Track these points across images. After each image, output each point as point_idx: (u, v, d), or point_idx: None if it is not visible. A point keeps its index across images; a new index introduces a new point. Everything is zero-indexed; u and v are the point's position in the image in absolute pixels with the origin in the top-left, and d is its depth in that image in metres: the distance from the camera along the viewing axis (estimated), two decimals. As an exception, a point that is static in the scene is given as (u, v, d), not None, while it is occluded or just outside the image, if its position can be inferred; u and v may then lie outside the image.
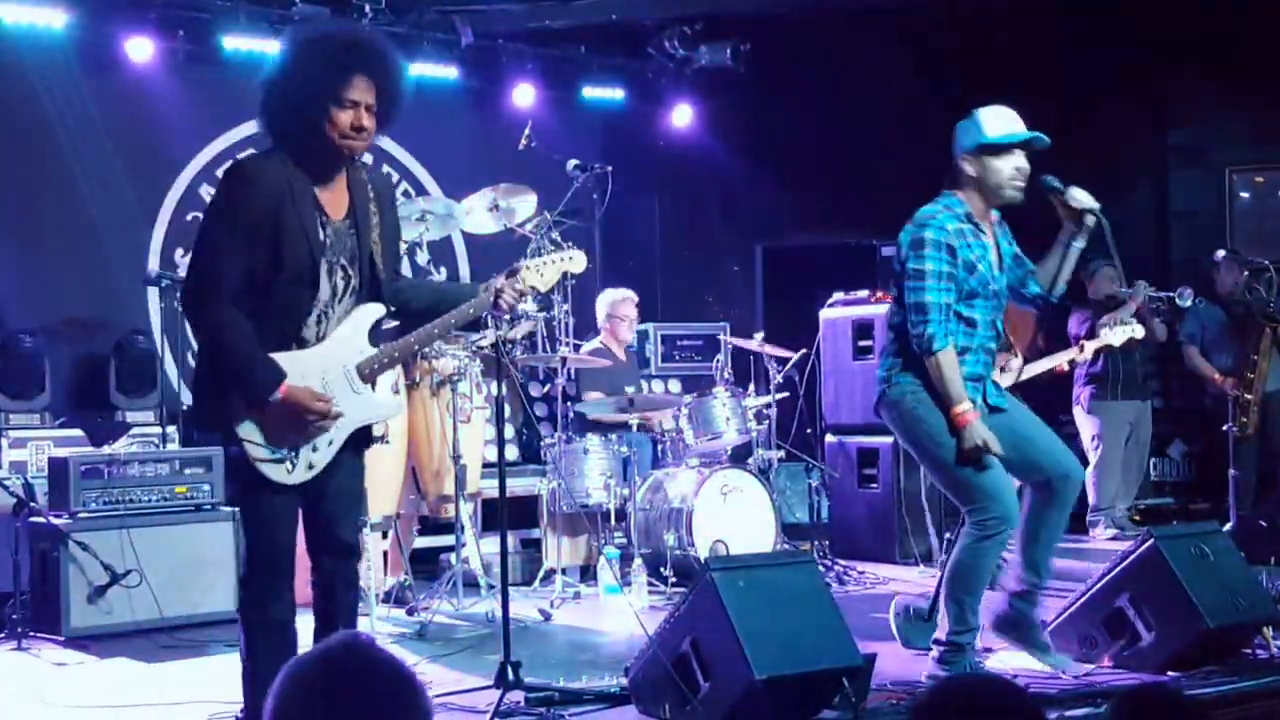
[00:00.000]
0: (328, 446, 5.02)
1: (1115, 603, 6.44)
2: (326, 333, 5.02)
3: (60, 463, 8.14)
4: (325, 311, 5.01)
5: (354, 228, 5.05)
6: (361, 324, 5.09)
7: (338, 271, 5.01)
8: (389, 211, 5.24)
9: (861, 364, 10.38)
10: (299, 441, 4.96)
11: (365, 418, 5.15)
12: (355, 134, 4.90)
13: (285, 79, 4.92)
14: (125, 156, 10.77)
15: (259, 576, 5.06)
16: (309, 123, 4.87)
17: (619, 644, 7.53)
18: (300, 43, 5.01)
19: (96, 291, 10.62)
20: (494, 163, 11.34)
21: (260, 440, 4.91)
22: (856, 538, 10.18)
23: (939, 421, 6.02)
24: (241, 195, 4.87)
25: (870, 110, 12.42)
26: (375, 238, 5.10)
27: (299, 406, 4.89)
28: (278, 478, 4.95)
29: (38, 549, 7.93)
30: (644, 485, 9.36)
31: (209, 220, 5.01)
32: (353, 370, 5.05)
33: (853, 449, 10.33)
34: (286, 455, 4.95)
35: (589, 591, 8.96)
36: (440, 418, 8.43)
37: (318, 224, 4.94)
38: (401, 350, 5.20)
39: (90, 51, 10.59)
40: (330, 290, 5.00)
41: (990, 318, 6.16)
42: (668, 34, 12.66)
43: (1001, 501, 6.00)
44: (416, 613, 8.11)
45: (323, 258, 4.94)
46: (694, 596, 5.66)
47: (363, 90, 4.89)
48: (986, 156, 6.12)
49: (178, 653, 7.44)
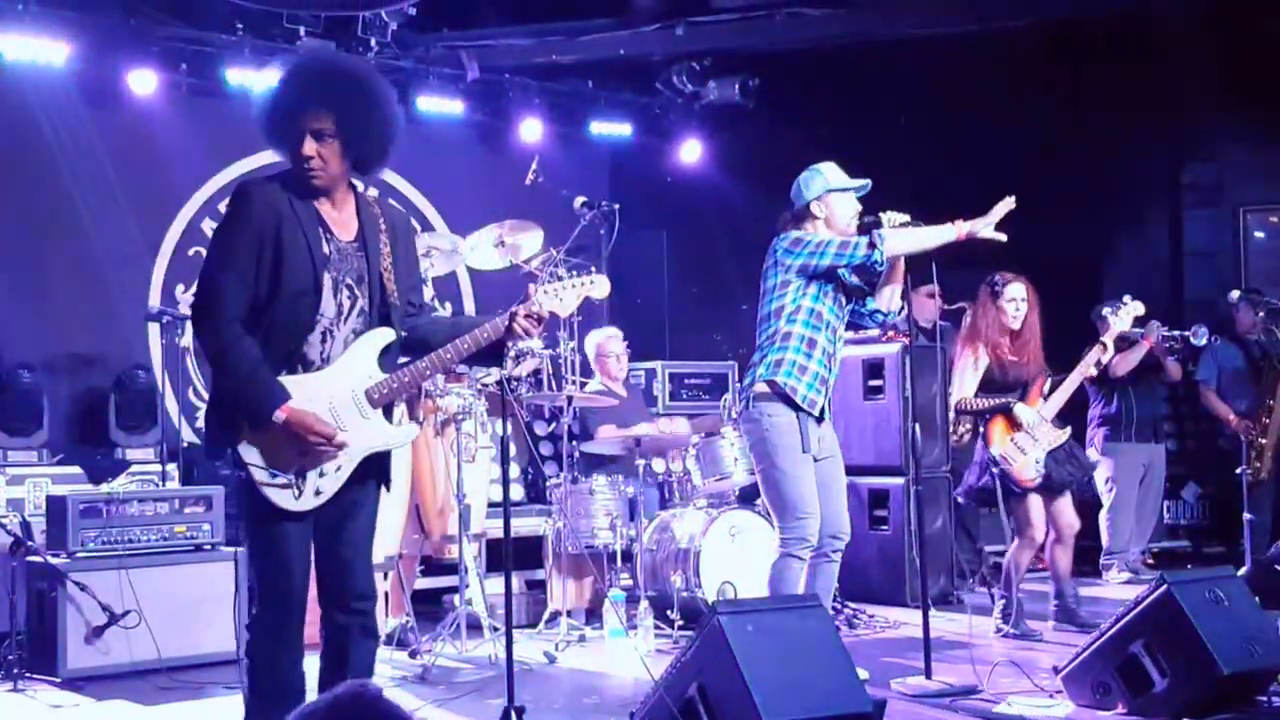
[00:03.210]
0: (335, 473, 4.91)
1: (1129, 649, 6.35)
2: (332, 354, 4.93)
3: (58, 501, 8.03)
4: (330, 330, 4.92)
5: (362, 249, 5.00)
6: (371, 348, 4.99)
7: (343, 290, 4.93)
8: (403, 242, 5.16)
9: (872, 404, 10.28)
10: (305, 466, 4.86)
11: (376, 444, 5.02)
12: (306, 161, 4.86)
13: (262, 109, 4.96)
14: (127, 190, 10.73)
15: (269, 614, 4.95)
16: (288, 150, 4.89)
17: (625, 688, 7.42)
18: (280, 74, 5.01)
19: (97, 326, 10.57)
20: (500, 198, 11.29)
21: (262, 464, 4.82)
22: (867, 580, 10.04)
23: (784, 447, 6.97)
24: (244, 212, 4.84)
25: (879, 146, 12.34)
26: (387, 264, 5.03)
27: (302, 429, 4.79)
28: (284, 504, 4.84)
29: (34, 589, 7.81)
30: (651, 526, 9.25)
31: (215, 239, 5.01)
32: (361, 395, 4.94)
33: (863, 490, 10.21)
34: (292, 480, 4.85)
35: (594, 634, 8.84)
36: (445, 457, 8.35)
37: (321, 238, 4.90)
38: (414, 376, 5.07)
39: (93, 85, 10.59)
40: (335, 308, 4.92)
41: (835, 323, 7.17)
42: (676, 69, 12.67)
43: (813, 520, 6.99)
44: (419, 655, 8.00)
45: (326, 272, 4.88)
46: (701, 640, 5.56)
47: (318, 120, 4.86)
48: (833, 200, 7.20)
49: (176, 695, 7.32)
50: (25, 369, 9.65)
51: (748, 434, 7.22)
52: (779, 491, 7.00)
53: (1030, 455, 8.54)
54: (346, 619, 5.01)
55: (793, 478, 6.96)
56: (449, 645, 8.14)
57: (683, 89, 12.77)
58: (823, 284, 7.07)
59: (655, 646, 8.34)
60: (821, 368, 7.06)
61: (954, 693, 6.83)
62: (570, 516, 8.99)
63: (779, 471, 6.99)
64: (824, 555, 7.12)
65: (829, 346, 7.10)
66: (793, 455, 6.97)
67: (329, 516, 4.95)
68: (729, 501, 9.42)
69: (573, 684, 7.71)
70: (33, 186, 10.39)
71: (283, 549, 4.90)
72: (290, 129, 4.86)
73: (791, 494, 6.96)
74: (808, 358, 7.02)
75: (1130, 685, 6.31)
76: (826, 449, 7.17)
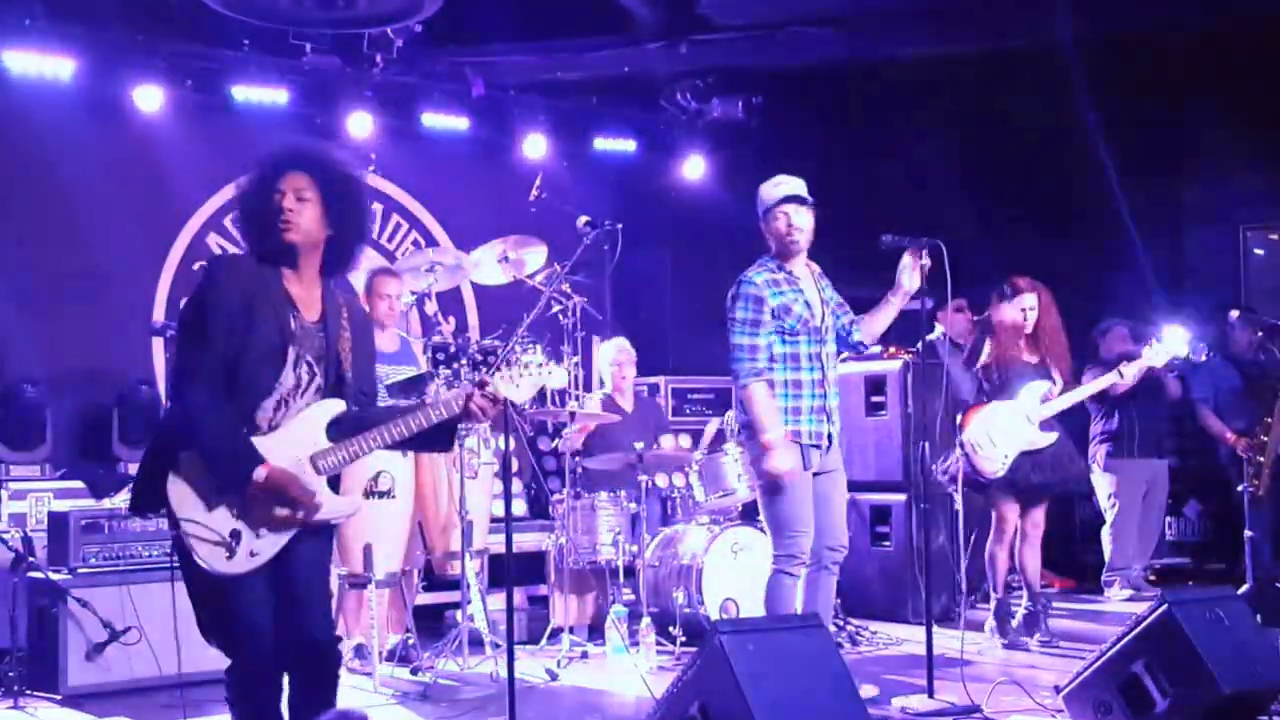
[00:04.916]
0: (272, 535, 4.89)
1: (1130, 668, 6.33)
2: (281, 422, 4.94)
3: (60, 517, 8.03)
4: (286, 399, 4.95)
5: (324, 330, 5.05)
6: (320, 417, 5.00)
7: (303, 365, 4.98)
8: (361, 331, 5.22)
9: (874, 420, 10.31)
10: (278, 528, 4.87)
11: (321, 515, 4.99)
12: (281, 214, 4.94)
13: (243, 190, 5.08)
14: (132, 205, 10.73)
15: (244, 668, 4.96)
16: (265, 214, 4.96)
17: (626, 706, 7.44)
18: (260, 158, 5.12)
19: (101, 341, 10.56)
20: (504, 214, 11.31)
21: (195, 519, 4.82)
22: (869, 596, 10.04)
23: None
24: (218, 280, 4.89)
25: (883, 163, 12.37)
26: (346, 348, 5.10)
27: (281, 487, 4.81)
28: (217, 566, 4.82)
29: (35, 605, 7.81)
30: (653, 542, 9.25)
31: (186, 311, 5.13)
32: (307, 463, 4.94)
33: (865, 506, 10.21)
34: (224, 539, 4.82)
35: (596, 651, 8.84)
36: (447, 473, 8.34)
37: (289, 314, 4.96)
38: (361, 448, 5.03)
39: (98, 100, 10.59)
40: (295, 380, 4.96)
41: (815, 350, 7.15)
42: (680, 87, 12.69)
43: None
44: (420, 671, 8.00)
45: (290, 345, 4.93)
46: (702, 659, 5.55)
47: (297, 180, 4.98)
48: (770, 218, 7.28)
49: (177, 711, 7.27)
50: (28, 383, 9.66)
51: (749, 449, 7.28)
52: (775, 508, 7.08)
53: (1000, 449, 8.62)
54: (304, 675, 5.03)
55: (789, 496, 7.01)
56: (451, 662, 8.15)
57: (686, 106, 12.80)
58: (780, 328, 7.16)
59: (657, 663, 8.34)
60: (815, 400, 7.14)
61: (956, 712, 6.84)
62: (573, 532, 9.00)
63: (776, 489, 7.04)
64: (823, 567, 7.17)
65: (817, 374, 7.17)
66: (792, 474, 7.00)
67: (279, 576, 4.94)
68: (732, 518, 9.42)
69: (575, 701, 7.70)
70: (37, 201, 10.39)
71: (242, 598, 4.89)
72: (269, 190, 4.95)
73: (786, 511, 7.04)
74: (798, 399, 7.12)
75: (1132, 705, 6.29)
76: (830, 463, 7.23)
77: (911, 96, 12.22)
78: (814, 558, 7.12)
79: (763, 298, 7.12)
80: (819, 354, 7.17)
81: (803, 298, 7.19)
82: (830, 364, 7.24)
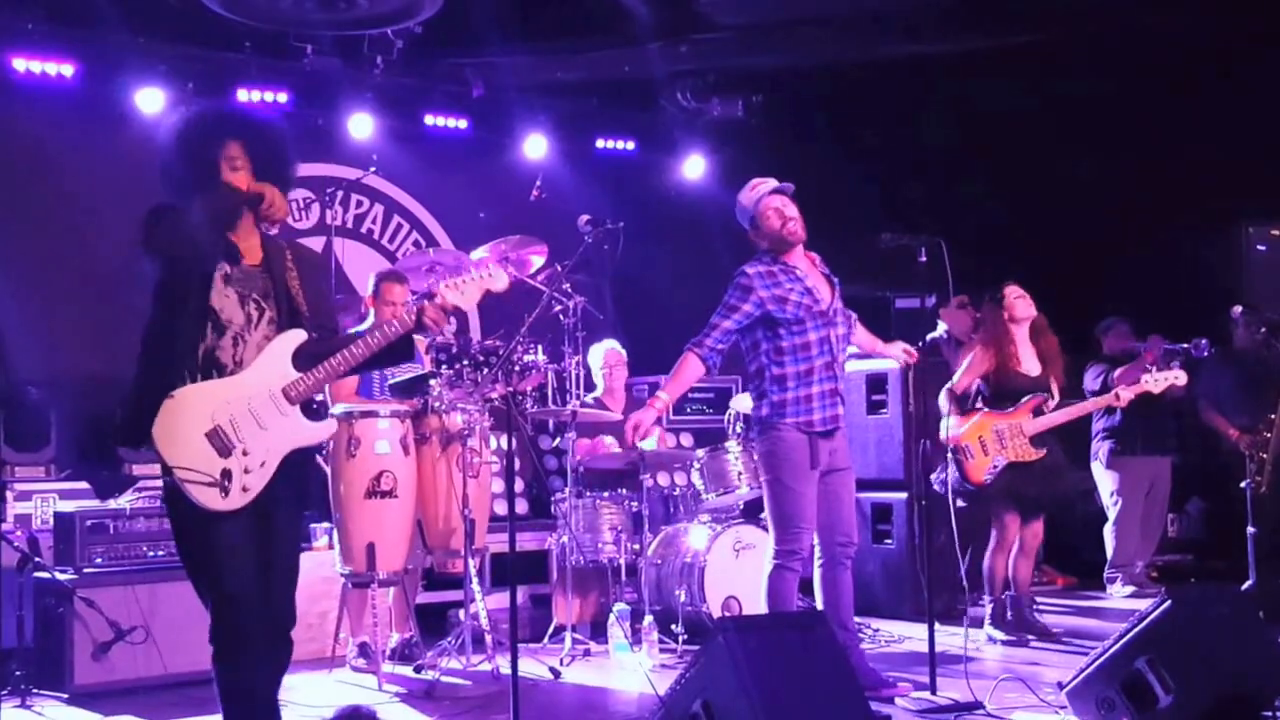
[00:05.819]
0: (260, 468, 5.09)
1: (1133, 665, 6.33)
2: (244, 359, 5.17)
3: (66, 517, 8.07)
4: (240, 335, 5.18)
5: (267, 272, 5.29)
6: (284, 351, 5.22)
7: (250, 303, 5.22)
8: (308, 269, 5.48)
9: (875, 418, 10.34)
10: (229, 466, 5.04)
11: (299, 440, 5.24)
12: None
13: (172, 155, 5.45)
14: (134, 208, 10.63)
15: (222, 622, 5.06)
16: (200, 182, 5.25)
17: (629, 704, 7.45)
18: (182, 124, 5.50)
19: (104, 343, 10.53)
20: (505, 214, 11.31)
21: (186, 464, 5.01)
22: (872, 594, 10.05)
23: (792, 462, 7.12)
24: (154, 229, 5.23)
25: (883, 163, 12.38)
26: (295, 285, 5.33)
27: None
28: (213, 504, 5.01)
29: (42, 605, 7.84)
30: (656, 540, 9.26)
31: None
32: (279, 393, 5.16)
33: (867, 504, 10.22)
34: (217, 480, 5.00)
35: (599, 649, 8.86)
36: (449, 472, 8.35)
37: (230, 256, 5.24)
38: (328, 372, 5.26)
39: (100, 103, 10.60)
40: (244, 317, 5.21)
41: (824, 334, 7.25)
42: (679, 86, 12.69)
43: None
44: (424, 669, 8.02)
45: (230, 286, 5.18)
46: (705, 657, 5.58)
47: (228, 149, 5.30)
48: (761, 218, 7.41)
49: (183, 710, 7.32)
50: (33, 385, 9.66)
51: (759, 444, 7.35)
52: (780, 503, 7.17)
53: (989, 459, 8.67)
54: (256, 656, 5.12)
55: (795, 493, 7.09)
56: (454, 660, 8.16)
57: (686, 106, 12.80)
58: (781, 318, 7.25)
59: (660, 661, 8.36)
60: (825, 384, 7.23)
61: (958, 708, 6.85)
62: (575, 531, 9.01)
63: (783, 485, 7.14)
64: (837, 563, 7.28)
65: (826, 358, 7.27)
66: (799, 471, 7.11)
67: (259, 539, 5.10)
68: (734, 516, 9.43)
69: (577, 699, 7.73)
70: (41, 204, 10.40)
71: (219, 553, 5.04)
72: (202, 159, 5.25)
73: (791, 507, 7.13)
74: (808, 386, 7.22)
75: (1135, 701, 6.29)
76: (839, 461, 7.33)
77: (911, 96, 12.22)
78: (826, 554, 7.26)
79: (752, 288, 7.28)
80: (827, 337, 7.27)
81: (801, 285, 7.29)
82: (840, 347, 7.36)
